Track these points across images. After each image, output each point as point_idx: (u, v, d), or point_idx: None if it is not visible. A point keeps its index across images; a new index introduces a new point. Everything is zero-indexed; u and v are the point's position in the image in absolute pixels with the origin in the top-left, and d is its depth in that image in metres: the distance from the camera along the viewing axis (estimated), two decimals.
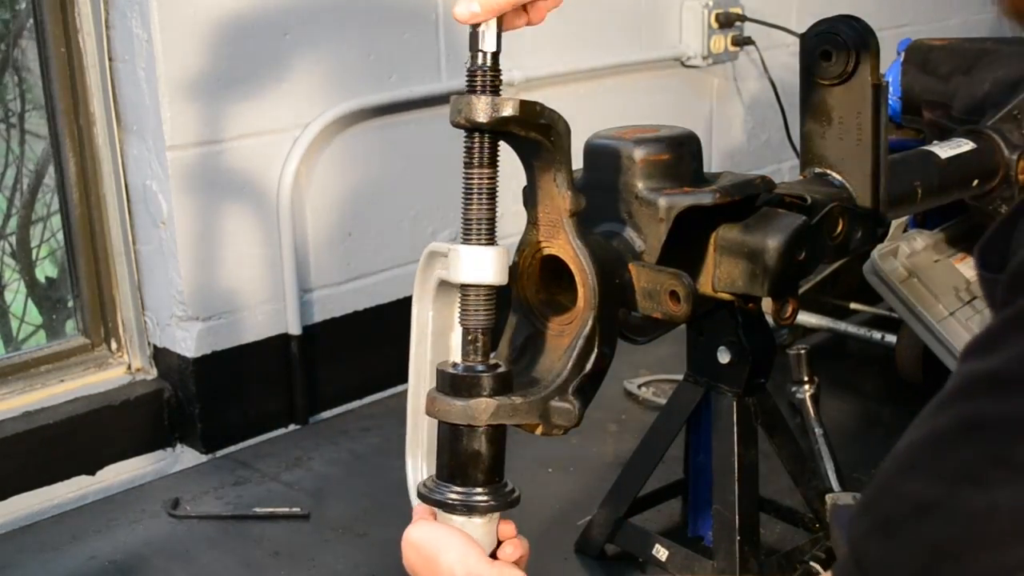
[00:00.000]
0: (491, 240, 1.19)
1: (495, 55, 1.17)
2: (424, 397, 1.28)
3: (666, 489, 1.83)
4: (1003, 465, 0.70)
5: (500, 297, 1.21)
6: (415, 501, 1.30)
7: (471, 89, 1.17)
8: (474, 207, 1.18)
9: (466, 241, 1.19)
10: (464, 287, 1.18)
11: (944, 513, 0.73)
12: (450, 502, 1.19)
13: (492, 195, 1.19)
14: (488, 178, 1.19)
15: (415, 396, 1.31)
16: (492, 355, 1.21)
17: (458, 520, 1.19)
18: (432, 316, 1.28)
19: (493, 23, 1.16)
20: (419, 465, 1.32)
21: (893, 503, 0.77)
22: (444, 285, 1.26)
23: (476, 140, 1.18)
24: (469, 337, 1.19)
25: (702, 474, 1.71)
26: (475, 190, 1.18)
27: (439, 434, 1.21)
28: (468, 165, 1.19)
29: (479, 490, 1.19)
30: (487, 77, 1.17)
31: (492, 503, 1.19)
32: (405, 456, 1.34)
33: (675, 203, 1.39)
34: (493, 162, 1.19)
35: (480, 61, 1.17)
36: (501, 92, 1.18)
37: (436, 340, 1.29)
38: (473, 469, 1.19)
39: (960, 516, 0.72)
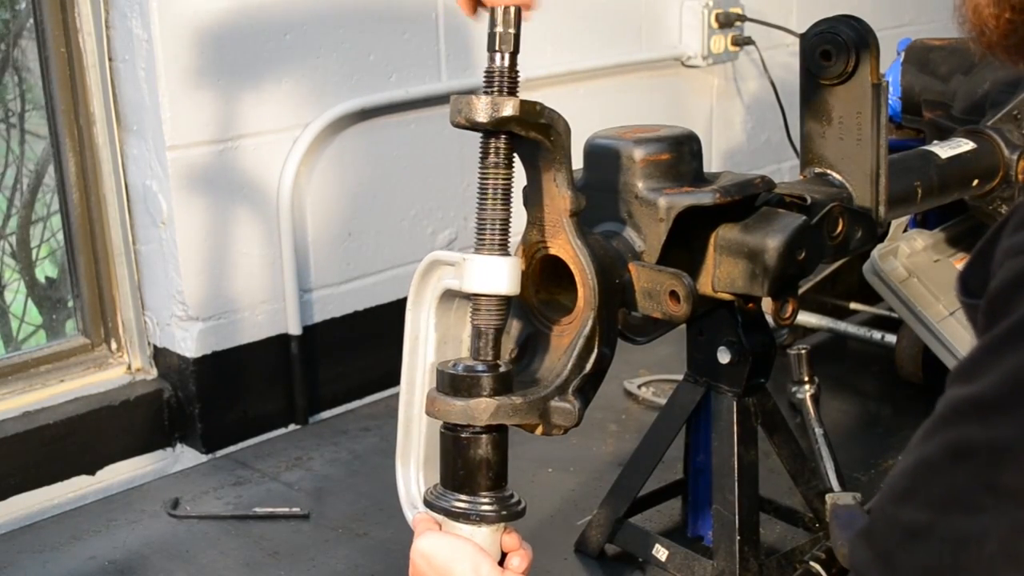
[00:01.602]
0: (504, 247, 1.18)
1: (513, 55, 1.17)
2: (417, 406, 1.28)
3: (666, 489, 1.83)
4: (991, 491, 0.71)
5: (510, 301, 1.21)
6: (408, 512, 1.29)
7: (488, 89, 1.17)
8: (488, 209, 1.18)
9: (479, 248, 1.19)
10: (476, 295, 1.18)
11: (935, 539, 0.74)
12: (459, 511, 1.18)
13: (507, 197, 1.19)
14: (503, 179, 1.18)
15: (407, 405, 1.30)
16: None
17: (466, 529, 1.19)
18: (434, 324, 1.27)
19: (512, 22, 1.16)
20: (411, 475, 1.31)
21: (888, 531, 0.78)
22: (447, 293, 1.26)
23: (492, 141, 1.18)
24: (480, 336, 1.19)
25: (702, 474, 1.71)
26: (490, 191, 1.18)
27: (443, 442, 1.21)
28: (483, 166, 1.19)
29: (486, 499, 1.19)
30: (505, 78, 1.16)
31: (503, 513, 1.19)
32: (395, 466, 1.32)
33: (675, 203, 1.39)
34: (509, 163, 1.19)
35: (498, 62, 1.16)
36: (518, 92, 1.18)
37: (439, 347, 1.28)
38: (480, 476, 1.19)
39: (951, 542, 0.73)
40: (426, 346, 1.28)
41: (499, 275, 1.17)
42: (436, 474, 1.25)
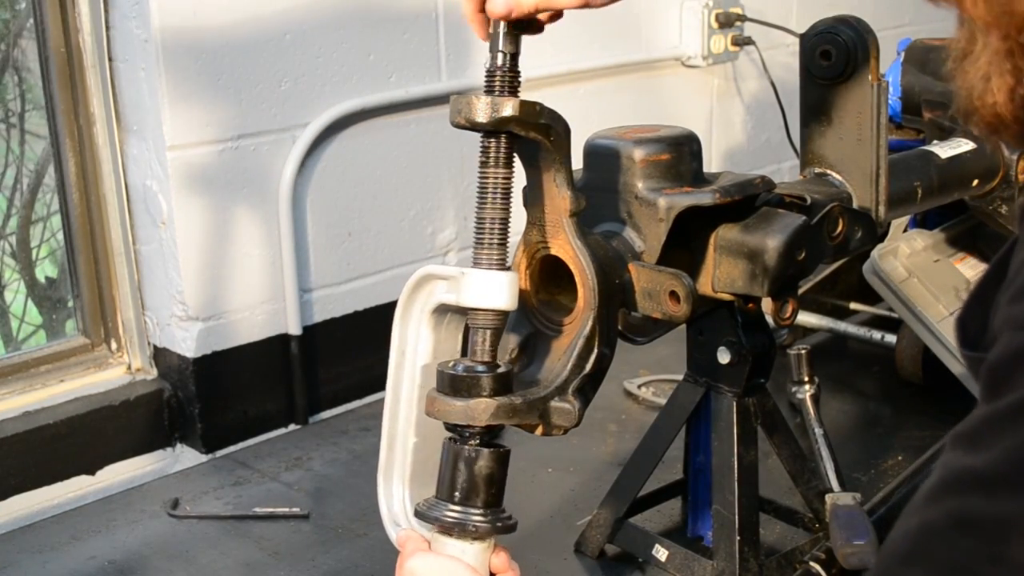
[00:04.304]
0: (503, 260, 1.18)
1: (514, 56, 1.17)
2: (402, 421, 1.27)
3: (666, 489, 1.83)
4: (996, 563, 0.72)
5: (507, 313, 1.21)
6: (391, 531, 1.27)
7: (489, 90, 1.17)
8: (487, 211, 1.18)
9: (477, 261, 1.18)
10: (474, 309, 1.18)
11: None
12: (452, 520, 1.17)
13: (506, 199, 1.18)
14: (503, 180, 1.18)
15: (392, 419, 1.29)
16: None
17: (456, 548, 1.18)
18: (425, 337, 1.26)
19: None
20: (394, 491, 1.29)
21: None
22: (440, 307, 1.24)
23: (492, 142, 1.18)
24: (478, 339, 1.18)
25: (702, 474, 1.71)
26: (489, 193, 1.18)
27: (445, 453, 1.20)
28: (483, 167, 1.19)
29: (479, 512, 1.18)
30: (505, 78, 1.16)
31: (497, 525, 1.18)
32: (377, 482, 1.30)
33: (675, 203, 1.39)
34: (509, 164, 1.19)
35: (500, 62, 1.16)
36: (519, 93, 1.17)
37: (429, 362, 1.27)
38: (481, 492, 1.18)
39: None
40: (414, 360, 1.27)
41: (498, 291, 1.16)
42: (423, 490, 1.24)
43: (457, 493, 1.18)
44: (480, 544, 1.18)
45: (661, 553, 1.68)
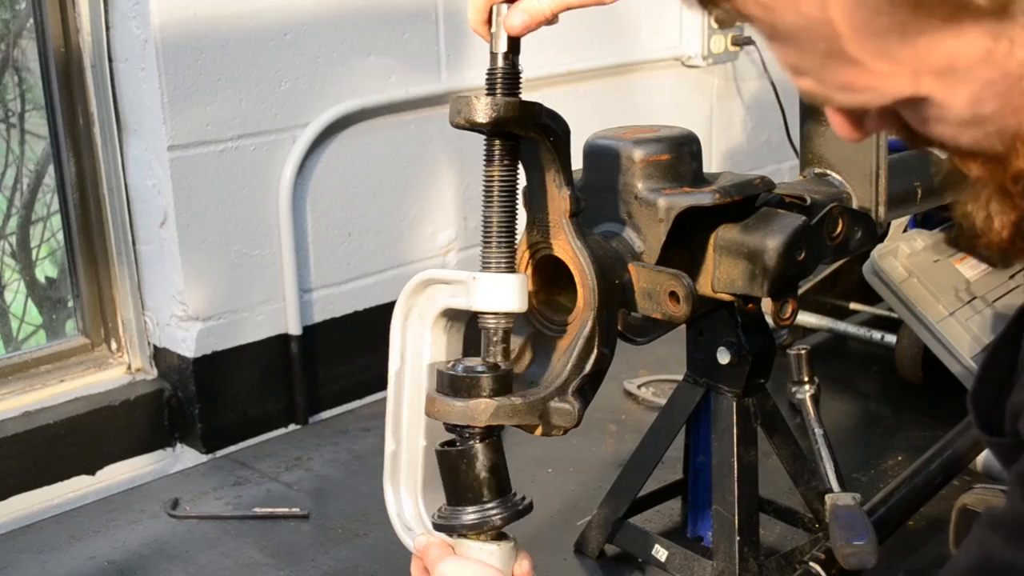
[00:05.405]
0: (511, 262, 1.18)
1: (514, 56, 1.17)
2: (408, 424, 1.27)
3: (666, 489, 1.83)
4: None
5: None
6: (404, 537, 1.27)
7: (490, 90, 1.16)
8: (495, 212, 1.17)
9: (486, 265, 1.18)
10: (483, 313, 1.18)
11: None
12: (472, 523, 1.17)
13: (512, 199, 1.18)
14: (508, 181, 1.18)
15: (395, 423, 1.28)
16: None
17: (483, 552, 1.17)
18: (430, 343, 1.25)
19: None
20: (403, 497, 1.28)
21: None
22: (443, 313, 1.23)
23: (496, 143, 1.18)
24: (489, 337, 1.18)
25: (702, 474, 1.71)
26: (495, 194, 1.17)
27: (440, 461, 1.19)
28: (488, 168, 1.18)
29: (493, 506, 1.18)
30: (506, 78, 1.16)
31: (517, 510, 1.18)
32: (385, 490, 1.29)
33: (675, 204, 1.39)
34: (513, 164, 1.18)
35: (500, 63, 1.16)
36: (520, 93, 1.17)
37: (432, 369, 1.26)
38: (484, 486, 1.18)
39: None
40: (419, 363, 1.26)
41: (510, 293, 1.16)
42: (436, 494, 1.23)
43: (468, 495, 1.18)
44: (506, 545, 1.18)
45: (661, 553, 1.68)
